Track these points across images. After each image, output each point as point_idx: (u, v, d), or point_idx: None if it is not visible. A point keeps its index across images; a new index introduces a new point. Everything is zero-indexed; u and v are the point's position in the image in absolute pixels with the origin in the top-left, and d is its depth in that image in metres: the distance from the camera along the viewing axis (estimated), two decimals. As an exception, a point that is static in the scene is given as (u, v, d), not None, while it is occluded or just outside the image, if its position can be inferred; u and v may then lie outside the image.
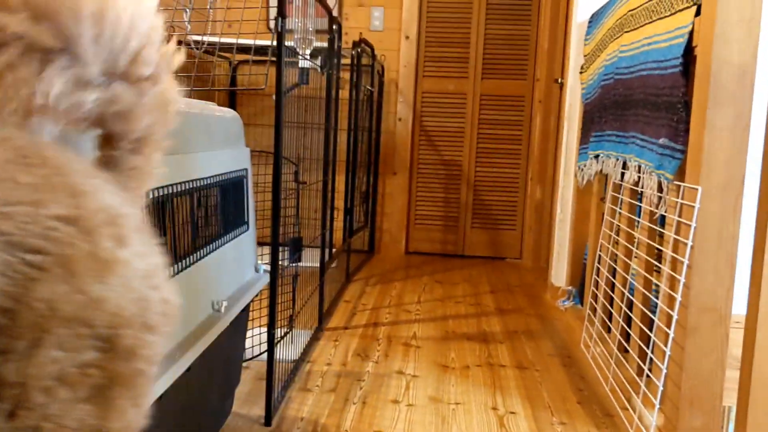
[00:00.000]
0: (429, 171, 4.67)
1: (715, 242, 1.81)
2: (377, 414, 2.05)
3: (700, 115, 1.80)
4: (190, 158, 1.46)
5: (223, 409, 1.88)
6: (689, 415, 1.85)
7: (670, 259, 1.94)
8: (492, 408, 2.14)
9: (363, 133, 4.02)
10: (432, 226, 4.70)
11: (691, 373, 1.84)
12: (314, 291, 2.78)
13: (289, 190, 2.47)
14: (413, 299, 3.45)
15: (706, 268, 1.81)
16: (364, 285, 3.71)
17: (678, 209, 1.90)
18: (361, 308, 3.23)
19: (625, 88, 2.37)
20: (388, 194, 4.64)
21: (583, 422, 2.08)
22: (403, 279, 3.91)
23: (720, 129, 1.77)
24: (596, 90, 2.82)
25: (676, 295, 1.87)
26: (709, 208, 1.80)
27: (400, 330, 2.91)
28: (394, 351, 2.64)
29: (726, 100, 1.76)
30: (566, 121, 3.49)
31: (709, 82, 1.76)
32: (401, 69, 4.53)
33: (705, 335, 1.83)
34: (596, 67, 2.87)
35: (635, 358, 2.24)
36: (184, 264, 1.38)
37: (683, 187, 1.88)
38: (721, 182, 1.79)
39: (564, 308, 3.37)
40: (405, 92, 4.55)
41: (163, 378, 1.19)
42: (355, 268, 4.04)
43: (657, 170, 2.00)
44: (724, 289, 1.82)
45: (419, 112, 4.62)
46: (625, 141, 2.34)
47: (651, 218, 2.15)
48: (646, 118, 2.14)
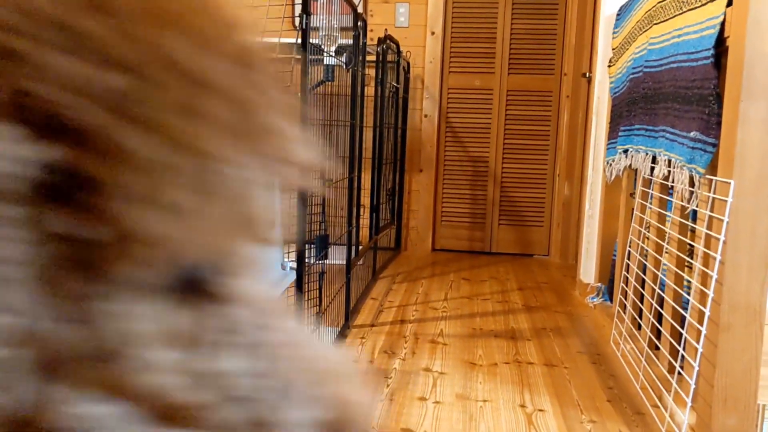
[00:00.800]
0: (455, 168, 4.65)
1: (749, 237, 1.77)
2: (404, 411, 2.04)
3: (733, 107, 1.77)
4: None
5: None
6: (723, 413, 1.82)
7: (702, 254, 1.91)
8: (520, 405, 2.12)
9: (389, 130, 4.01)
10: (459, 223, 4.68)
11: (725, 371, 1.80)
12: (341, 288, 2.78)
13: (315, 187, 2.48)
14: (440, 296, 3.44)
15: (739, 264, 1.78)
16: (391, 282, 3.71)
17: (710, 204, 1.87)
18: (387, 305, 3.22)
19: (655, 81, 2.33)
20: (415, 191, 4.63)
21: (613, 420, 2.05)
22: (430, 276, 3.90)
23: (754, 122, 1.73)
24: (625, 84, 2.78)
25: (709, 292, 1.83)
26: (743, 203, 1.76)
27: (426, 327, 2.90)
28: (421, 348, 2.63)
29: (760, 93, 1.72)
30: (594, 115, 3.45)
31: (742, 74, 1.72)
32: (427, 65, 4.51)
33: (738, 332, 1.79)
34: (625, 60, 2.83)
35: (666, 355, 2.21)
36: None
37: (715, 182, 1.84)
38: (754, 176, 1.75)
39: (593, 305, 3.33)
40: (431, 88, 4.53)
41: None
42: (382, 265, 4.04)
43: (688, 164, 1.97)
44: (758, 285, 1.78)
45: (445, 109, 4.60)
46: (655, 135, 2.30)
47: (682, 213, 2.12)
48: (676, 111, 2.10)
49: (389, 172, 4.21)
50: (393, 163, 4.29)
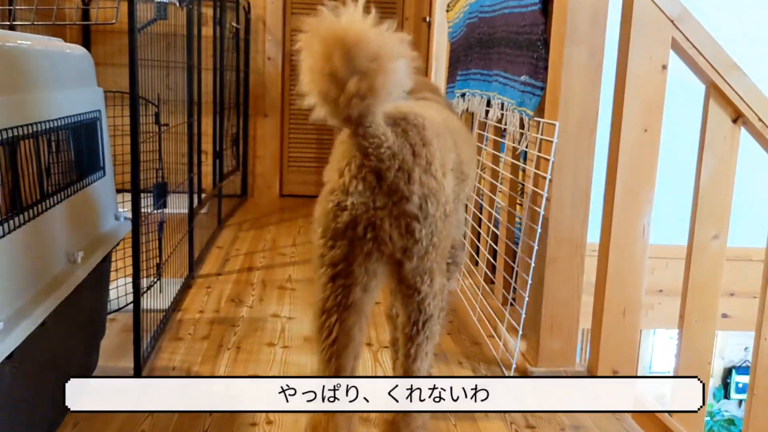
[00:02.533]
0: (302, 112, 4.59)
1: (572, 176, 1.90)
2: (252, 358, 2.04)
3: (558, 52, 1.87)
4: (34, 98, 1.34)
5: (88, 363, 1.80)
6: (549, 338, 1.97)
7: (531, 192, 2.03)
8: (366, 344, 2.18)
9: (230, 73, 3.88)
10: (307, 168, 4.65)
11: (550, 300, 1.95)
12: (183, 238, 2.70)
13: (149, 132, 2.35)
14: (288, 242, 3.43)
15: (563, 201, 1.91)
16: (238, 230, 3.64)
17: (538, 144, 1.98)
18: (234, 254, 3.17)
19: (489, 27, 2.41)
20: (260, 137, 4.54)
21: (453, 352, 2.16)
22: (278, 222, 3.87)
23: (576, 66, 1.84)
24: (462, 29, 2.85)
25: (537, 227, 1.95)
26: (566, 143, 1.88)
27: (275, 273, 2.89)
28: (269, 295, 2.62)
29: (582, 38, 1.83)
30: (434, 60, 3.53)
31: (566, 20, 1.82)
32: (268, 5, 4.38)
33: (563, 264, 1.94)
34: (461, 5, 2.90)
35: (500, 288, 2.35)
36: (31, 214, 1.28)
37: (542, 123, 1.95)
38: (577, 118, 1.87)
39: (435, 245, 3.46)
40: (273, 30, 4.41)
41: (13, 334, 1.12)
42: (228, 213, 3.95)
43: (519, 107, 2.07)
44: (580, 220, 1.93)
45: (289, 51, 4.50)
46: (489, 79, 2.39)
47: (514, 154, 2.23)
48: (508, 56, 2.18)
49: (232, 117, 4.09)
50: (236, 107, 4.16)
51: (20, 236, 1.23)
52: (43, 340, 1.33)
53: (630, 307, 1.95)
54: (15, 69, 1.30)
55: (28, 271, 1.26)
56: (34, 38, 1.47)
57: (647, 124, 1.87)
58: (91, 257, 1.53)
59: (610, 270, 1.93)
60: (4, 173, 1.19)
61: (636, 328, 1.97)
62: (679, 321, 2.08)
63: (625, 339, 1.97)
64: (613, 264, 1.93)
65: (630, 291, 1.95)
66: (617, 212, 1.91)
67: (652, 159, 1.89)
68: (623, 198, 1.90)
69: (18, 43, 1.34)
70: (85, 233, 1.60)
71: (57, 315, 1.34)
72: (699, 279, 2.02)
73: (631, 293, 1.95)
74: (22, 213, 1.24)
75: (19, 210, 1.23)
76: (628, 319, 1.96)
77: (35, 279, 1.29)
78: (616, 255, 1.93)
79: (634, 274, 1.94)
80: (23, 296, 1.23)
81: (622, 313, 1.95)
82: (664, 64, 1.84)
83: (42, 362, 1.37)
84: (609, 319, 1.96)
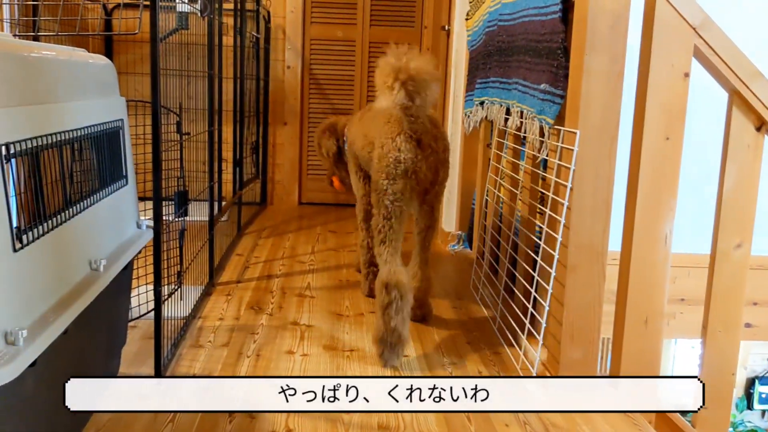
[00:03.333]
0: (320, 119, 4.61)
1: (592, 183, 1.89)
2: (271, 366, 2.04)
3: (578, 60, 1.86)
4: (58, 108, 1.36)
5: (110, 370, 1.82)
6: (570, 348, 1.96)
7: (551, 201, 2.02)
8: (385, 353, 2.18)
9: (250, 81, 3.90)
10: (325, 176, 4.66)
11: (571, 309, 1.93)
12: (204, 245, 2.71)
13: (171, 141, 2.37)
14: (307, 250, 3.44)
15: (584, 208, 1.90)
16: (257, 237, 3.66)
17: (558, 153, 1.97)
18: (253, 261, 3.18)
19: (508, 35, 2.41)
20: (279, 144, 4.56)
21: (473, 360, 2.15)
22: (297, 230, 3.88)
23: (596, 74, 1.83)
24: (481, 37, 2.85)
25: (557, 236, 1.94)
26: (587, 151, 1.87)
27: (293, 281, 2.90)
28: (288, 302, 2.62)
29: (602, 46, 1.82)
30: (453, 68, 3.52)
31: (587, 28, 1.81)
32: (288, 15, 4.41)
33: (583, 272, 1.92)
34: (481, 14, 2.90)
35: (520, 297, 2.34)
36: (55, 222, 1.30)
37: (563, 131, 1.94)
38: (597, 125, 1.86)
39: (454, 252, 3.46)
40: (293, 39, 4.44)
41: (37, 341, 1.13)
42: (247, 220, 3.97)
43: (539, 115, 2.06)
44: (601, 227, 1.91)
45: (308, 60, 4.53)
46: (509, 87, 2.39)
47: (534, 162, 2.22)
48: (527, 64, 2.18)
49: (252, 125, 4.11)
50: (256, 115, 4.19)
51: (44, 244, 1.24)
52: (66, 347, 1.35)
53: (652, 316, 1.93)
54: (39, 79, 1.32)
55: (52, 279, 1.28)
56: (58, 49, 1.49)
57: (669, 132, 1.85)
58: (113, 265, 1.54)
59: (631, 278, 1.92)
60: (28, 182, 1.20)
61: (658, 338, 1.95)
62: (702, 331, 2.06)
63: (647, 348, 1.95)
64: (634, 272, 1.91)
65: (652, 300, 1.93)
66: (639, 220, 1.89)
67: (674, 167, 1.87)
68: (645, 206, 1.88)
69: (42, 54, 1.36)
70: (108, 241, 1.61)
71: (79, 322, 1.35)
72: (722, 288, 2.00)
73: (653, 302, 1.93)
74: (46, 221, 1.26)
75: (43, 218, 1.25)
76: (650, 328, 1.94)
77: (58, 286, 1.31)
78: (637, 263, 1.91)
79: (656, 283, 1.92)
80: (46, 304, 1.25)
81: (644, 322, 1.93)
82: (686, 72, 1.83)
83: (64, 369, 1.38)
84: (631, 328, 1.94)
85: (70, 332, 1.31)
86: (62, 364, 1.36)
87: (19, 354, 1.07)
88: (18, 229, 1.15)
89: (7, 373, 1.03)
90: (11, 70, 1.20)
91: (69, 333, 1.31)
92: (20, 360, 1.06)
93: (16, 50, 1.25)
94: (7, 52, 1.20)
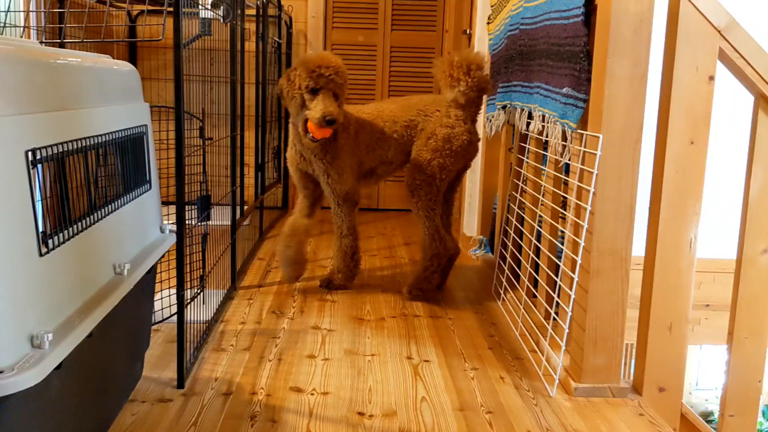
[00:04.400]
0: (341, 125, 4.62)
1: (615, 188, 1.87)
2: (293, 370, 2.05)
3: (601, 64, 1.84)
4: (83, 114, 1.38)
5: (133, 373, 1.83)
6: (593, 354, 1.94)
7: (574, 205, 2.00)
8: (407, 357, 2.17)
9: (272, 87, 3.93)
10: (346, 181, 4.67)
11: (594, 314, 1.92)
12: (226, 250, 2.73)
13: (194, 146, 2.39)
14: (328, 254, 3.45)
15: (607, 213, 1.88)
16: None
17: (581, 157, 1.95)
18: (275, 265, 3.19)
19: (530, 39, 2.40)
20: (301, 149, 4.57)
21: (494, 367, 2.14)
22: (318, 234, 3.89)
23: (619, 77, 1.82)
24: (503, 41, 2.84)
25: (580, 241, 1.93)
26: (610, 155, 1.85)
27: (315, 285, 2.90)
28: (310, 307, 2.63)
29: (625, 50, 1.81)
30: (475, 72, 3.51)
31: (609, 31, 1.80)
32: (309, 20, 4.43)
33: (606, 277, 1.91)
34: (502, 17, 2.89)
35: (543, 302, 2.32)
36: (80, 226, 1.31)
37: (585, 136, 1.93)
38: (620, 129, 1.84)
39: (476, 257, 3.45)
40: (314, 44, 4.46)
41: (62, 344, 1.14)
42: (269, 225, 3.99)
43: (561, 119, 2.04)
44: (624, 232, 1.89)
45: (329, 65, 4.54)
46: (530, 91, 2.38)
47: (556, 167, 2.21)
48: (549, 68, 2.17)
49: (274, 129, 4.14)
50: (278, 120, 4.21)
51: (69, 248, 1.26)
52: (90, 350, 1.36)
53: (676, 322, 1.91)
54: (65, 85, 1.33)
55: (77, 283, 1.29)
56: (83, 55, 1.51)
57: (694, 135, 1.83)
58: (137, 269, 1.56)
59: (655, 284, 1.89)
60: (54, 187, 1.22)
61: (683, 344, 1.93)
62: (727, 337, 2.03)
63: (672, 354, 1.93)
64: (658, 278, 1.89)
65: (676, 305, 1.91)
66: (663, 225, 1.87)
67: (698, 171, 1.85)
68: (669, 211, 1.86)
69: (68, 61, 1.38)
70: (132, 245, 1.63)
71: (103, 326, 1.37)
72: (748, 294, 1.97)
73: (677, 307, 1.91)
74: (71, 226, 1.27)
75: (68, 223, 1.26)
76: (674, 334, 1.92)
77: (83, 290, 1.32)
78: (662, 268, 1.89)
79: (681, 288, 1.90)
80: (71, 307, 1.26)
81: (669, 327, 1.91)
82: (711, 75, 1.81)
83: (88, 372, 1.40)
84: (655, 334, 1.92)
85: (94, 335, 1.33)
86: (87, 367, 1.38)
87: (45, 357, 1.08)
88: (44, 233, 1.17)
89: (33, 376, 1.04)
90: (38, 76, 1.22)
91: (93, 336, 1.32)
92: (46, 363, 1.08)
93: (43, 57, 1.27)
94: (34, 60, 1.22)
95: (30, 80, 1.18)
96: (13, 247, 1.07)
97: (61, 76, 1.32)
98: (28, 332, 1.09)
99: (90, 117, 1.41)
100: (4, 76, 1.10)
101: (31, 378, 1.04)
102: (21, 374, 1.02)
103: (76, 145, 1.31)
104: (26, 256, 1.11)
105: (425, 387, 1.97)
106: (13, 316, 1.06)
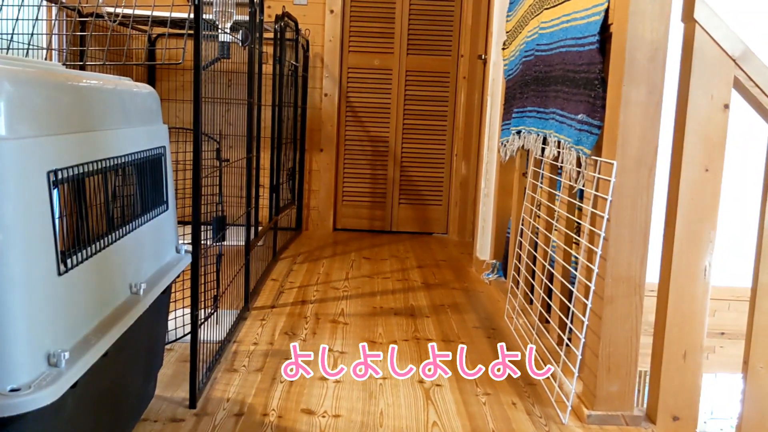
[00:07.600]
0: (356, 147, 4.65)
1: (630, 215, 1.87)
2: (305, 392, 2.05)
3: (616, 91, 1.85)
4: (104, 136, 1.40)
5: (146, 392, 1.84)
6: (606, 380, 1.93)
7: (588, 231, 2.00)
8: (418, 381, 2.17)
9: (288, 109, 3.96)
10: (359, 203, 4.70)
11: (608, 341, 1.91)
12: (240, 270, 2.74)
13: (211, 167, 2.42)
14: (341, 276, 3.45)
15: (621, 240, 1.88)
16: (292, 263, 3.69)
17: (595, 183, 1.96)
18: (288, 286, 3.20)
19: (545, 65, 2.41)
20: (315, 171, 4.61)
21: (507, 392, 2.13)
22: (331, 256, 3.90)
23: (634, 104, 1.82)
24: (518, 66, 2.86)
25: (594, 267, 1.93)
26: (624, 182, 1.86)
27: (327, 307, 2.91)
28: (322, 328, 2.63)
29: (640, 77, 1.82)
30: (489, 97, 3.54)
31: (625, 59, 1.81)
32: (326, 44, 4.48)
33: (620, 304, 1.90)
34: (518, 43, 2.91)
35: (555, 328, 2.31)
36: (98, 246, 1.33)
37: (600, 162, 1.94)
38: (635, 157, 1.85)
39: (488, 281, 3.44)
40: (330, 67, 4.50)
41: (78, 363, 1.15)
42: (282, 246, 4.01)
43: (576, 145, 2.05)
44: (638, 259, 1.89)
45: (345, 88, 4.58)
46: (546, 117, 2.39)
47: (570, 192, 2.21)
48: (565, 94, 2.18)
49: (289, 151, 4.17)
50: (293, 142, 4.24)
51: (87, 268, 1.27)
52: (105, 369, 1.37)
53: (691, 350, 1.90)
54: (86, 107, 1.36)
55: (94, 302, 1.31)
56: (104, 77, 1.53)
57: (708, 163, 1.83)
58: (153, 289, 1.57)
59: (669, 311, 1.89)
60: (73, 207, 1.24)
61: (697, 372, 1.91)
62: (743, 366, 2.01)
63: (686, 383, 1.91)
64: (673, 305, 1.88)
65: (691, 333, 1.90)
66: (677, 252, 1.87)
67: (713, 198, 1.85)
68: (683, 238, 1.86)
69: (89, 83, 1.41)
70: (148, 265, 1.64)
71: (119, 345, 1.38)
72: (764, 322, 1.95)
73: (692, 335, 1.90)
74: (89, 246, 1.29)
75: (86, 243, 1.28)
76: (689, 362, 1.90)
77: (100, 309, 1.34)
78: (676, 296, 1.88)
79: (695, 316, 1.89)
80: (88, 326, 1.27)
81: (683, 355, 1.90)
82: (726, 103, 1.81)
83: (102, 391, 1.41)
84: (669, 362, 1.90)
85: (110, 355, 1.34)
86: (102, 386, 1.39)
87: (61, 376, 1.09)
88: (62, 253, 1.18)
89: (49, 395, 1.05)
90: (60, 98, 1.24)
91: (109, 355, 1.33)
92: (62, 382, 1.09)
93: (65, 80, 1.29)
94: (56, 82, 1.25)
95: (53, 102, 1.21)
96: (33, 266, 1.09)
97: (84, 98, 1.35)
98: (45, 351, 1.11)
99: (111, 138, 1.43)
100: (29, 99, 1.13)
101: (47, 396, 1.05)
102: (37, 392, 1.03)
103: (96, 166, 1.33)
104: (45, 275, 1.12)
105: (437, 411, 1.96)
106: (31, 335, 1.08)
